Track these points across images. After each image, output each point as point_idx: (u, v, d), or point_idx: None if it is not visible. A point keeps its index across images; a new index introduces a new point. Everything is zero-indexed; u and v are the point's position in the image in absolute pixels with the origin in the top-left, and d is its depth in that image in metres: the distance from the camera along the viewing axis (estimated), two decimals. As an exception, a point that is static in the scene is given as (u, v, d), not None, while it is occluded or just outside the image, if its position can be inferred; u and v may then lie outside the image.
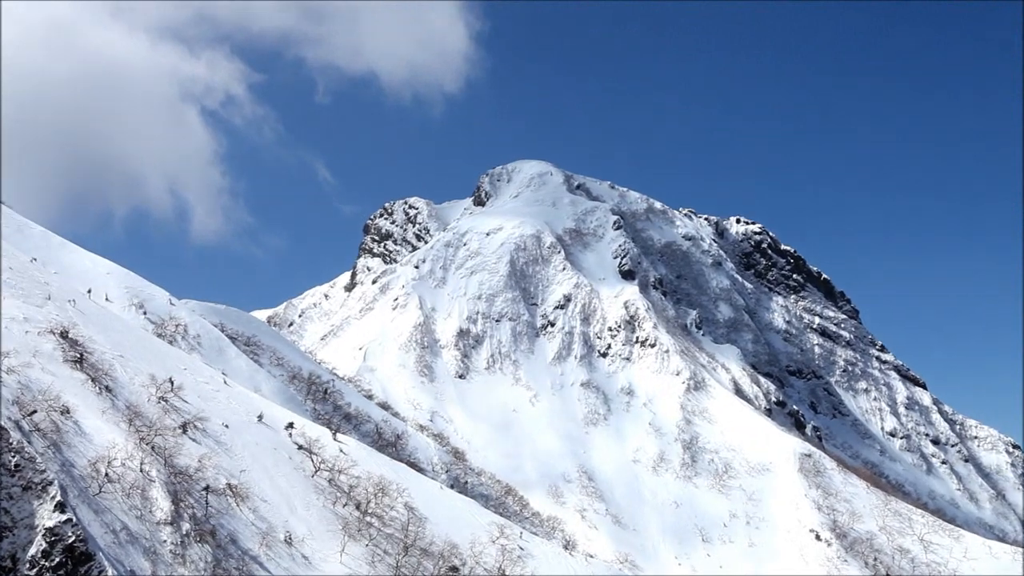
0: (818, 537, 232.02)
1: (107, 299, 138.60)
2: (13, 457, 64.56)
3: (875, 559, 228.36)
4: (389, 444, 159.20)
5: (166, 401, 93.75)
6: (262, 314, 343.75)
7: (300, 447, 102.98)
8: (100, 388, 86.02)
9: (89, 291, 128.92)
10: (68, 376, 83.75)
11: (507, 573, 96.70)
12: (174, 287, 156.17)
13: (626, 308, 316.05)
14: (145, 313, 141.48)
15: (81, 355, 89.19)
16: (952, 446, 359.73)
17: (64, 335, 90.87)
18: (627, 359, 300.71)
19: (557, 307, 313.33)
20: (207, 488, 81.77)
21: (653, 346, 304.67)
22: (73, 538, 62.13)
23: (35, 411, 73.02)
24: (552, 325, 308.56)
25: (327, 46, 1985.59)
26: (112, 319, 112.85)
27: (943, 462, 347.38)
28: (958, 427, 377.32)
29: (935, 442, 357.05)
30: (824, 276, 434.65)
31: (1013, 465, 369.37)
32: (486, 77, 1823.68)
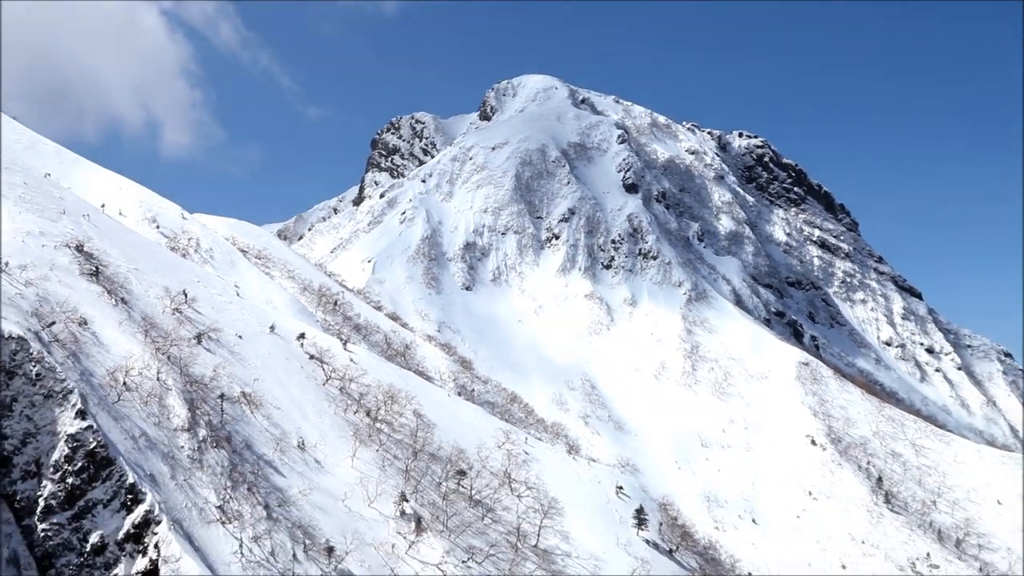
0: (813, 442, 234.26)
1: (120, 213, 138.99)
2: (34, 367, 65.50)
3: (868, 463, 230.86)
4: (398, 354, 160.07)
5: (180, 312, 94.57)
6: (272, 228, 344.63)
7: (311, 357, 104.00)
8: (116, 300, 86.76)
9: (103, 205, 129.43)
10: (85, 289, 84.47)
11: (513, 476, 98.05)
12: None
13: (629, 221, 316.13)
14: (158, 227, 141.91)
15: (97, 268, 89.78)
16: (946, 355, 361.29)
17: (80, 249, 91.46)
18: (630, 271, 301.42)
19: (562, 220, 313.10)
20: (222, 396, 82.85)
21: (655, 258, 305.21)
22: (94, 444, 63.20)
23: (53, 323, 73.84)
24: (557, 238, 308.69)
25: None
26: (126, 233, 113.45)
27: (937, 370, 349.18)
28: (952, 336, 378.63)
29: (930, 351, 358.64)
30: (825, 189, 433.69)
31: (1005, 373, 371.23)
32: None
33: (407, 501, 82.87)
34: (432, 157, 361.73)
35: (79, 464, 62.34)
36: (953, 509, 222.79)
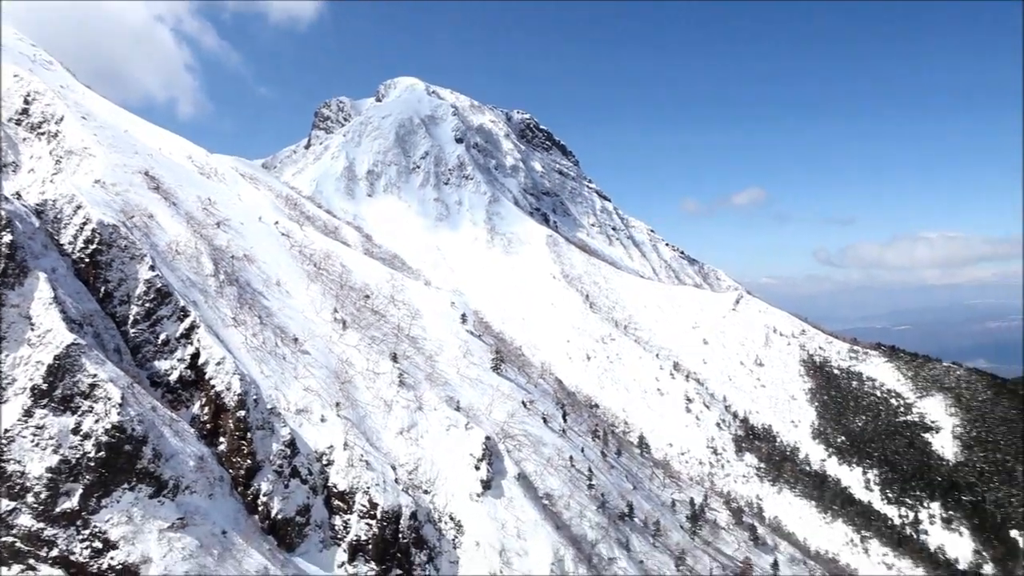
0: (554, 277, 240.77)
1: (171, 153, 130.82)
2: (123, 241, 62.71)
3: (581, 287, 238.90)
4: (330, 232, 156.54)
5: (207, 210, 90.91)
6: (257, 162, 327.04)
7: (283, 234, 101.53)
8: (169, 203, 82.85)
9: (160, 148, 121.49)
10: (151, 197, 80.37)
11: (395, 297, 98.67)
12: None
13: (458, 159, 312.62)
14: (192, 160, 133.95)
15: (158, 185, 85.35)
16: (621, 231, 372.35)
17: (146, 173, 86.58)
18: (459, 186, 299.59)
19: (421, 157, 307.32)
20: (232, 256, 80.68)
21: (472, 179, 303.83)
22: (160, 284, 61.22)
23: (133, 216, 70.44)
24: (418, 168, 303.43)
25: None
26: (174, 164, 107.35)
27: (617, 239, 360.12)
28: (624, 221, 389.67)
29: (613, 229, 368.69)
30: (562, 142, 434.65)
31: (650, 240, 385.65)
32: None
33: (337, 312, 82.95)
34: (349, 122, 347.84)
35: (152, 296, 60.44)
36: (623, 310, 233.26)
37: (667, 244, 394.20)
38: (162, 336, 59.07)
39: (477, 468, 65.11)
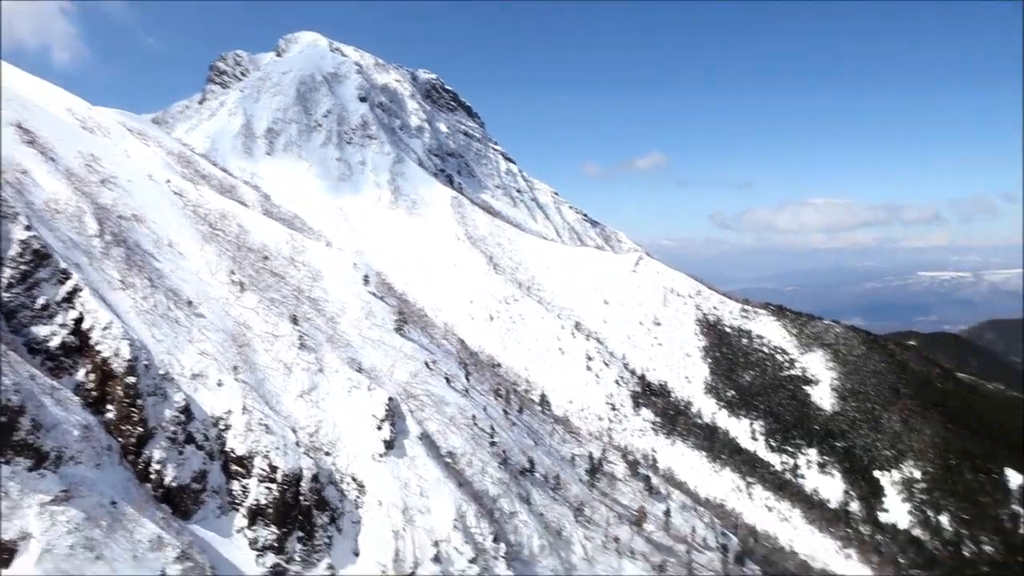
0: (458, 238, 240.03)
1: (47, 105, 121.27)
2: (-6, 199, 58.28)
3: (485, 248, 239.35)
4: (227, 191, 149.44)
5: (91, 167, 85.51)
6: (147, 116, 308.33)
7: (175, 192, 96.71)
8: (46, 159, 77.44)
9: (34, 99, 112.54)
10: (24, 151, 74.90)
11: (295, 259, 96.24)
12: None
13: (362, 118, 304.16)
14: (73, 113, 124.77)
15: (32, 138, 79.57)
16: (525, 193, 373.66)
17: (19, 126, 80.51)
18: (362, 146, 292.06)
19: (324, 116, 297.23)
20: (120, 216, 76.53)
21: (375, 139, 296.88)
22: (38, 246, 57.46)
23: (4, 171, 65.53)
24: (320, 126, 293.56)
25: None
26: (52, 116, 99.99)
27: (521, 201, 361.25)
28: (529, 183, 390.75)
29: (518, 191, 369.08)
30: (468, 103, 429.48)
31: (554, 202, 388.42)
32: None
33: (234, 274, 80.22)
34: (247, 77, 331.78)
35: (28, 257, 56.61)
36: (527, 271, 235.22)
37: (571, 207, 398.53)
38: (40, 300, 55.56)
39: (379, 428, 64.99)
